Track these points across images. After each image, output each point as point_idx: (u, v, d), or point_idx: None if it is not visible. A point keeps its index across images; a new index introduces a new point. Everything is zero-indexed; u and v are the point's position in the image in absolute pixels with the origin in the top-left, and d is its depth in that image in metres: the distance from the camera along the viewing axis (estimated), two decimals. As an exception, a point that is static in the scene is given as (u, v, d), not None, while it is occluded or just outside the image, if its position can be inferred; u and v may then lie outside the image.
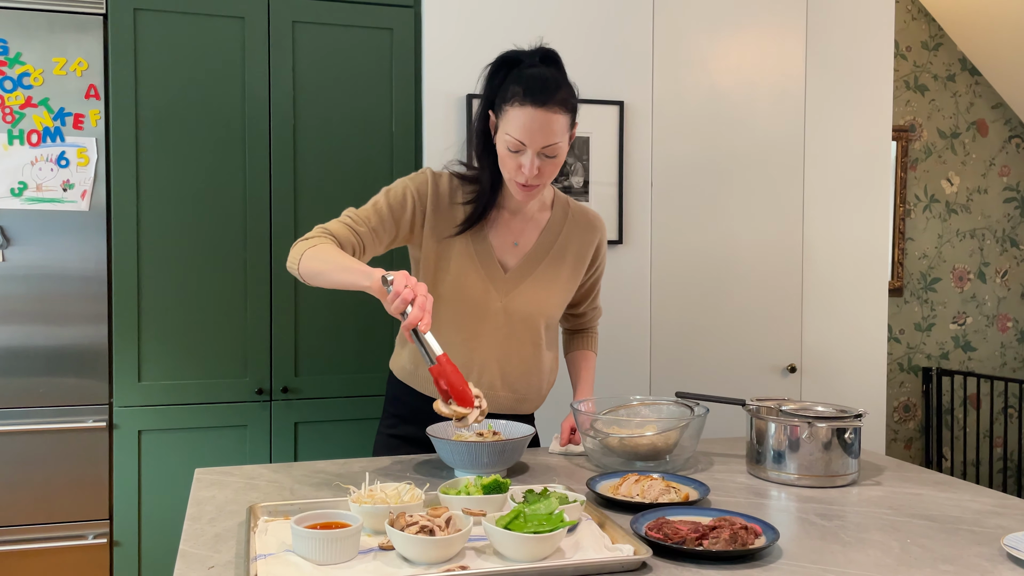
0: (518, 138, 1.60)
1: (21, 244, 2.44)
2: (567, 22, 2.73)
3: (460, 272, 1.75)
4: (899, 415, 4.23)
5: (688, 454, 1.75)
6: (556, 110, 1.60)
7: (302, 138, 2.62)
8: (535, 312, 1.79)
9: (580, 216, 1.87)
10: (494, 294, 1.76)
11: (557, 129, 1.61)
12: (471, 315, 1.75)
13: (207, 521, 1.36)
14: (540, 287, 1.79)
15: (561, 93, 1.61)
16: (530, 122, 1.58)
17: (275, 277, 2.61)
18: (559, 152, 1.64)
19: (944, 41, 4.18)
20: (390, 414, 1.91)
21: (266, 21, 2.57)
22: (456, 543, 1.15)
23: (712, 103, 2.87)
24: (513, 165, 1.64)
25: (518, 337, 1.79)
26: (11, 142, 2.41)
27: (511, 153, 1.63)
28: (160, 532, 2.54)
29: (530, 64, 1.64)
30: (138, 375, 2.51)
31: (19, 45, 2.42)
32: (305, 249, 1.59)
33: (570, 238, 1.84)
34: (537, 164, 1.62)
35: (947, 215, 4.25)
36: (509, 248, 1.79)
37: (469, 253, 1.75)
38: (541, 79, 1.60)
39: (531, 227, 1.81)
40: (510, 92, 1.61)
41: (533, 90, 1.58)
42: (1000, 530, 1.35)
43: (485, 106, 1.69)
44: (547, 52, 1.67)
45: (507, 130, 1.61)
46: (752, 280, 2.93)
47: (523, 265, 1.79)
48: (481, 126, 1.71)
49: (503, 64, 1.67)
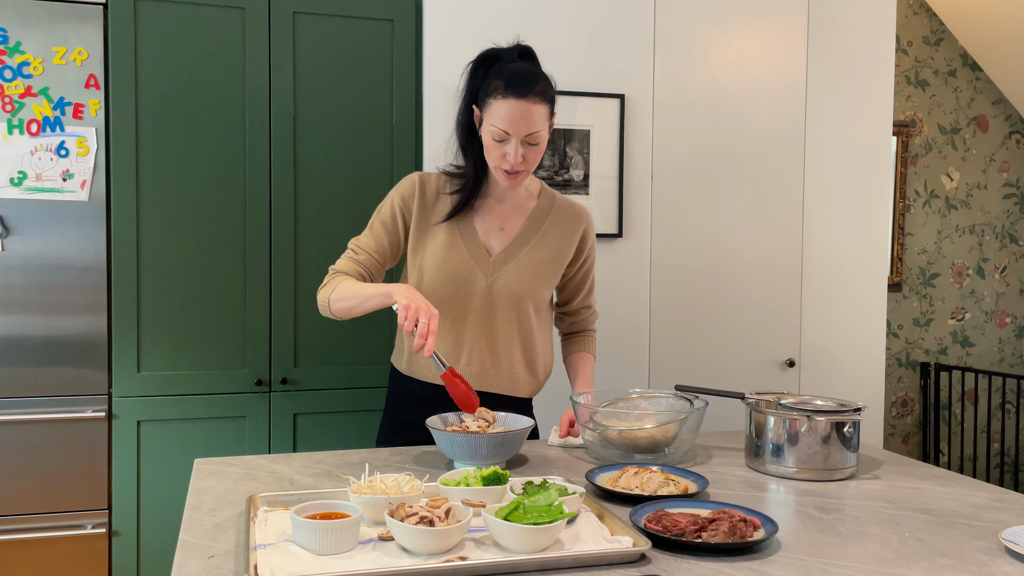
0: (502, 128, 1.72)
1: (20, 234, 2.44)
2: (568, 15, 2.72)
3: (446, 254, 1.83)
4: (897, 410, 4.24)
5: (687, 447, 1.75)
6: (536, 100, 1.72)
7: (302, 129, 2.62)
8: (521, 293, 1.86)
9: (566, 206, 1.95)
10: (479, 275, 1.84)
11: (537, 118, 1.73)
12: (458, 295, 1.84)
13: (207, 511, 1.37)
14: (525, 269, 1.86)
15: (540, 85, 1.74)
16: (513, 112, 1.71)
17: (274, 267, 2.60)
18: (540, 140, 1.76)
19: (945, 36, 4.17)
20: (393, 405, 1.97)
21: (267, 11, 2.57)
22: (455, 534, 1.15)
23: (713, 97, 2.86)
24: (498, 154, 1.75)
25: (505, 316, 1.86)
26: (11, 131, 2.41)
27: (496, 143, 1.74)
28: (159, 522, 2.54)
29: (509, 60, 1.77)
30: (137, 365, 2.51)
31: (19, 34, 2.41)
32: (329, 294, 1.80)
33: (555, 225, 1.91)
34: (521, 152, 1.73)
35: (947, 211, 4.25)
36: (495, 232, 1.87)
37: (455, 237, 1.84)
38: (521, 73, 1.73)
39: (517, 213, 1.90)
40: (492, 86, 1.74)
41: (514, 83, 1.71)
42: (998, 524, 1.35)
43: (468, 101, 1.82)
44: (524, 48, 1.81)
45: (492, 121, 1.73)
46: (752, 274, 2.93)
47: (509, 248, 1.87)
48: (465, 119, 1.83)
49: (484, 61, 1.80)
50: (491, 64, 1.78)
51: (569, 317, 2.06)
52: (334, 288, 1.80)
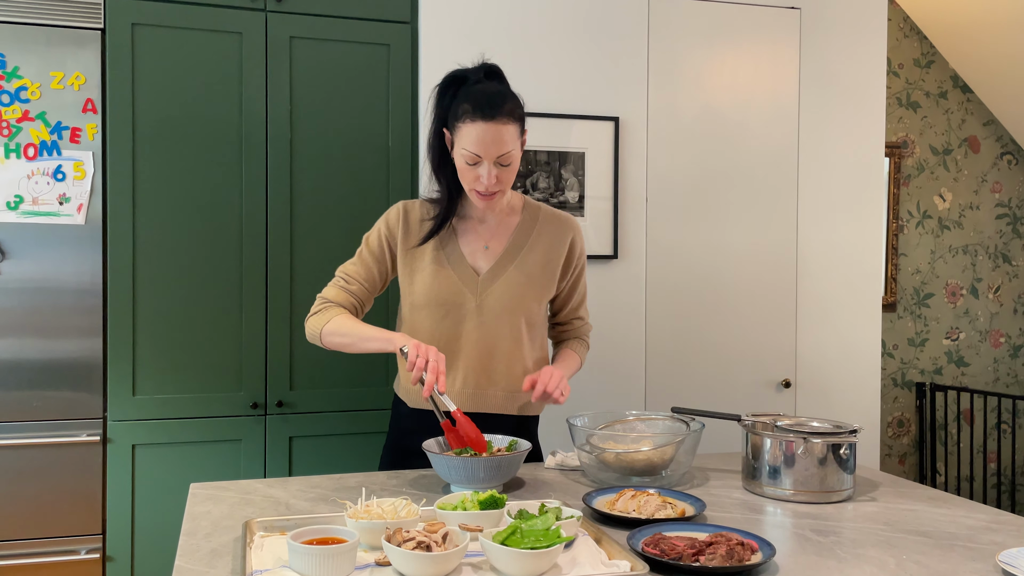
0: (474, 151, 1.71)
1: (17, 257, 2.44)
2: (562, 39, 2.74)
3: (434, 279, 1.83)
4: (893, 430, 4.24)
5: (684, 469, 1.75)
6: (505, 121, 1.71)
7: (299, 153, 2.63)
8: (511, 308, 1.85)
9: (551, 217, 1.95)
10: (468, 295, 1.84)
11: (508, 139, 1.72)
12: (449, 318, 1.83)
13: (203, 536, 1.36)
14: (514, 284, 1.86)
15: (508, 105, 1.72)
16: (483, 135, 1.70)
17: (270, 291, 2.61)
18: (513, 160, 1.75)
19: (936, 59, 4.22)
20: (396, 429, 1.96)
21: (264, 36, 2.58)
22: (453, 559, 1.15)
23: (706, 119, 2.89)
24: (472, 176, 1.75)
25: (498, 333, 1.85)
26: (8, 155, 2.41)
27: (469, 166, 1.74)
28: (153, 547, 2.52)
29: (475, 80, 1.76)
30: (132, 389, 2.50)
31: (17, 59, 2.42)
32: (322, 326, 1.80)
33: (541, 236, 1.91)
34: (495, 173, 1.73)
35: (940, 231, 4.27)
36: (480, 252, 1.87)
37: (440, 260, 1.84)
38: (487, 94, 1.72)
39: (501, 231, 1.89)
40: (461, 109, 1.72)
41: (482, 105, 1.70)
42: (995, 546, 1.35)
43: (438, 125, 1.81)
44: (490, 67, 1.80)
45: (463, 145, 1.72)
46: (747, 295, 2.93)
47: (496, 266, 1.86)
48: (436, 143, 1.82)
49: (450, 83, 1.79)
50: (458, 86, 1.77)
51: (561, 327, 2.04)
52: (328, 320, 1.79)
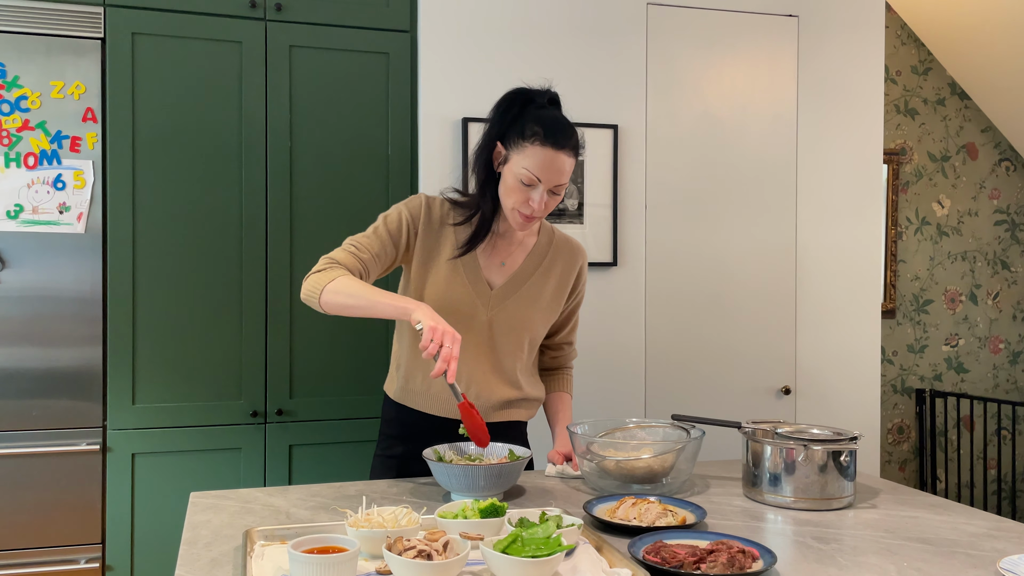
0: (535, 174, 1.71)
1: (17, 266, 2.44)
2: (562, 47, 2.75)
3: (448, 286, 1.82)
4: (893, 437, 4.24)
5: (684, 477, 1.75)
6: (570, 153, 1.73)
7: (298, 161, 2.63)
8: (520, 327, 1.86)
9: (564, 243, 1.96)
10: (481, 308, 1.84)
11: (567, 170, 1.74)
12: (458, 327, 1.80)
13: (203, 545, 1.36)
14: (525, 304, 1.86)
15: (574, 139, 1.75)
16: (549, 162, 1.70)
17: (270, 300, 2.61)
18: (563, 190, 1.76)
19: (934, 66, 4.23)
20: (386, 435, 1.95)
21: (263, 45, 2.59)
22: (454, 568, 1.15)
23: (705, 127, 2.89)
24: (521, 198, 1.74)
25: (503, 349, 1.86)
26: (8, 165, 2.42)
27: (523, 186, 1.73)
28: (153, 557, 2.52)
29: (540, 104, 1.76)
30: (132, 398, 2.50)
31: (17, 68, 2.43)
32: (325, 283, 1.68)
33: (555, 262, 1.92)
34: (546, 199, 1.73)
35: (938, 237, 4.28)
36: (496, 267, 1.87)
37: (456, 267, 1.83)
38: (560, 124, 1.73)
39: (519, 250, 1.90)
40: (530, 130, 1.71)
41: (555, 133, 1.70)
42: (996, 553, 1.35)
43: (495, 137, 1.77)
44: (553, 95, 1.80)
45: (524, 164, 1.71)
46: (746, 302, 2.94)
47: (509, 283, 1.86)
48: (485, 155, 1.78)
49: (515, 100, 1.76)
50: (524, 105, 1.75)
51: (551, 351, 2.04)
52: (333, 279, 1.68)
